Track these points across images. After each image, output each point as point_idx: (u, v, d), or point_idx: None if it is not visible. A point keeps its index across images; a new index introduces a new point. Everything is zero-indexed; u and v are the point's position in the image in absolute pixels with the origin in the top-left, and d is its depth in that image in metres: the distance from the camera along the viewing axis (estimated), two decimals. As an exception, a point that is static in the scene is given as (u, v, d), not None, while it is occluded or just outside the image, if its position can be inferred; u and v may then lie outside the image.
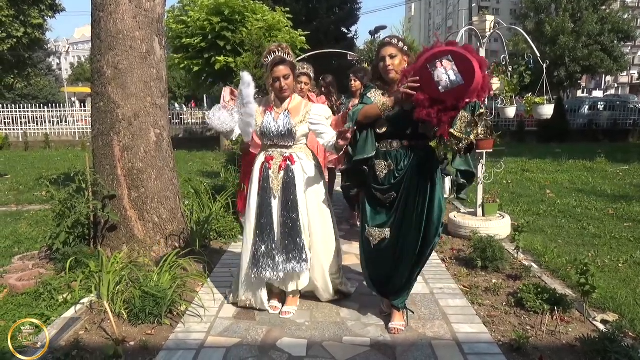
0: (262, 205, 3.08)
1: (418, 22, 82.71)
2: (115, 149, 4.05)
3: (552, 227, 5.51)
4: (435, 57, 2.55)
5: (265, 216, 3.07)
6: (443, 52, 2.56)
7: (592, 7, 28.35)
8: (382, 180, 2.89)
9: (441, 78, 2.53)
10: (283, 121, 3.06)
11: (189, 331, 3.00)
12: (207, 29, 13.50)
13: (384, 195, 2.90)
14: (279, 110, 3.10)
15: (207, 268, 4.07)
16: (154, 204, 4.15)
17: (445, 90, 2.52)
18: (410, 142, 2.85)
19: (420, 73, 2.60)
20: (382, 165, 2.88)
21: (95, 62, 4.11)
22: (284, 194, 3.07)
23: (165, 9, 4.40)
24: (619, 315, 3.16)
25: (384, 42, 2.95)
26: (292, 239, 3.05)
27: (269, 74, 3.03)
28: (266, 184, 3.09)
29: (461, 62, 2.51)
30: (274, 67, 2.98)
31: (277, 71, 2.99)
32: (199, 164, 11.98)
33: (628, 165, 10.34)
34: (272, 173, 3.10)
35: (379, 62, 2.89)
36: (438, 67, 2.54)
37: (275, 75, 2.99)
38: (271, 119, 3.07)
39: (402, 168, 2.85)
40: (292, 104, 3.13)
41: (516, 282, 3.73)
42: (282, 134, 3.06)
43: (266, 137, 3.11)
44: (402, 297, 3.01)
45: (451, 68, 2.52)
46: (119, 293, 3.21)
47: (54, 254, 3.97)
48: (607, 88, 51.36)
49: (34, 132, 18.62)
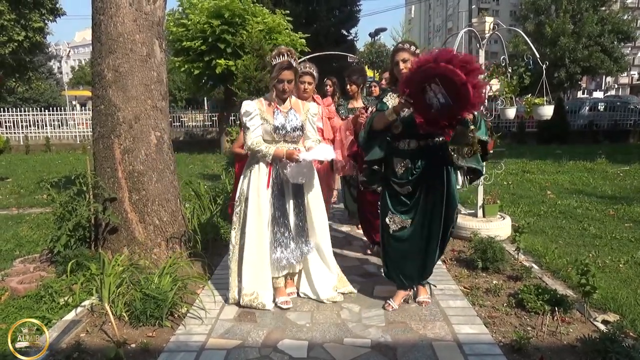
0: (279, 196, 3.28)
1: (418, 24, 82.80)
2: (116, 152, 4.06)
3: (553, 228, 5.51)
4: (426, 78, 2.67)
5: (282, 205, 3.29)
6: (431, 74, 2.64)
7: (592, 8, 28.38)
8: (401, 175, 3.16)
9: (432, 102, 2.70)
10: (293, 119, 3.29)
11: (190, 333, 3.00)
12: (208, 31, 13.54)
13: (401, 188, 3.17)
14: (284, 109, 3.31)
15: (207, 270, 4.07)
16: (155, 207, 4.16)
17: (437, 111, 2.70)
18: (427, 141, 3.08)
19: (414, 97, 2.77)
20: (401, 163, 3.14)
21: (96, 65, 4.13)
22: (295, 186, 3.32)
23: (165, 12, 4.41)
24: (620, 315, 3.16)
25: (397, 48, 3.21)
26: (301, 224, 3.37)
27: (275, 75, 3.23)
28: (279, 178, 3.27)
29: (449, 84, 2.61)
30: (282, 70, 3.21)
31: (284, 75, 3.21)
32: (199, 167, 12.00)
33: (629, 166, 10.34)
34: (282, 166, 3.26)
35: (394, 67, 3.15)
36: (428, 92, 2.69)
37: (281, 77, 3.22)
38: (282, 117, 3.27)
39: (419, 166, 3.11)
40: (292, 102, 3.40)
41: (517, 283, 3.73)
42: (294, 130, 3.28)
43: (278, 134, 3.25)
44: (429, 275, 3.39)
45: (439, 91, 2.65)
46: (120, 295, 3.22)
47: (55, 256, 3.97)
48: (608, 89, 51.32)
49: (35, 136, 18.67)
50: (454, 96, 2.63)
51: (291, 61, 3.21)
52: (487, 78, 4.89)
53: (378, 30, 18.73)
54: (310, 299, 3.50)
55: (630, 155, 12.23)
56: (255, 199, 3.27)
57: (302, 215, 3.38)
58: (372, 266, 4.25)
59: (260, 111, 3.25)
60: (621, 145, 16.12)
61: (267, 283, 3.33)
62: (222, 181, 6.81)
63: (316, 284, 3.48)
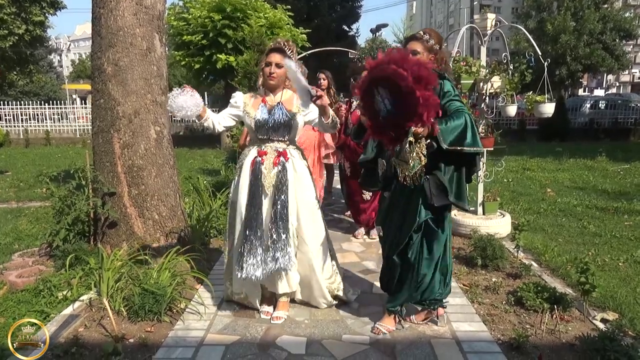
0: (253, 201, 2.98)
1: (420, 20, 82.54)
2: (116, 146, 4.05)
3: (553, 226, 5.50)
4: (375, 80, 2.33)
5: (255, 213, 2.97)
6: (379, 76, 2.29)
7: (594, 5, 28.22)
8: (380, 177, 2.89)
9: (379, 107, 2.36)
10: (278, 113, 3.02)
11: (189, 328, 3.00)
12: (209, 26, 13.49)
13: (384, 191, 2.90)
14: (272, 102, 3.07)
15: (206, 265, 4.07)
16: (154, 202, 4.15)
17: (384, 119, 2.37)
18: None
19: (365, 99, 2.43)
20: (381, 164, 2.87)
21: (96, 59, 4.11)
22: (276, 191, 2.99)
23: (166, 5, 4.39)
24: (619, 314, 3.15)
25: (410, 37, 2.81)
26: (279, 236, 2.94)
27: (264, 57, 3.06)
28: (258, 180, 2.99)
29: (395, 90, 2.25)
30: (270, 52, 3.03)
31: (272, 57, 3.00)
32: (199, 162, 11.98)
33: (629, 164, 10.32)
34: (265, 169, 3.00)
35: None
36: (376, 95, 2.35)
37: (269, 60, 3.01)
38: (265, 111, 3.03)
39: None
40: (284, 96, 3.09)
41: (516, 281, 3.72)
42: (277, 126, 3.02)
43: (260, 131, 3.04)
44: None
45: (386, 97, 2.31)
46: (119, 290, 3.21)
47: (54, 250, 3.97)
48: (609, 87, 51.21)
49: (34, 129, 18.62)
50: (400, 103, 2.26)
51: (286, 49, 3.01)
52: (489, 75, 4.88)
53: (379, 26, 18.67)
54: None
55: (630, 153, 12.21)
56: (237, 201, 3.11)
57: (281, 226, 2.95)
58: (371, 262, 4.24)
59: (245, 104, 3.08)
60: (622, 143, 16.07)
61: (254, 287, 3.16)
62: (223, 176, 6.80)
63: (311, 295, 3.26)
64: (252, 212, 2.97)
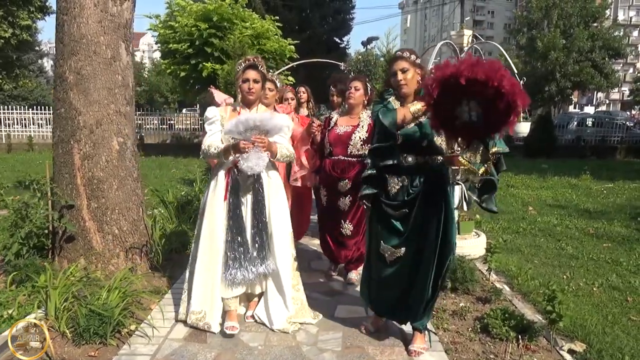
0: (234, 209, 3.05)
1: (414, 33, 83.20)
2: (75, 157, 3.90)
3: (530, 247, 5.40)
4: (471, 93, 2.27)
5: (238, 220, 3.05)
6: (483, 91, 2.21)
7: (584, 23, 28.59)
8: (394, 195, 2.82)
9: (461, 116, 2.35)
10: None
11: (134, 353, 2.83)
12: (195, 35, 13.42)
13: (395, 212, 2.82)
14: None
15: (167, 283, 3.91)
16: (114, 215, 3.99)
17: (461, 126, 2.39)
18: (425, 157, 2.78)
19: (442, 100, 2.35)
20: (395, 180, 2.82)
21: (58, 67, 3.97)
22: (254, 198, 3.09)
23: (134, 14, 4.26)
24: (587, 344, 3.03)
25: (395, 56, 2.90)
26: (260, 241, 3.09)
27: (240, 74, 3.14)
28: (236, 189, 3.06)
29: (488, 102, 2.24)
30: (246, 69, 3.12)
31: (248, 74, 3.10)
32: (182, 171, 11.79)
33: (612, 183, 10.29)
34: (241, 179, 3.06)
35: (391, 77, 2.84)
36: (463, 105, 2.33)
37: (246, 76, 3.11)
38: None
39: (416, 185, 2.78)
40: (259, 111, 3.17)
41: (485, 306, 3.60)
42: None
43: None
44: (422, 319, 2.91)
45: (476, 112, 2.31)
46: (65, 310, 3.04)
47: (5, 265, 3.79)
48: (599, 104, 51.71)
49: (18, 134, 18.33)
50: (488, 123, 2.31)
51: (256, 63, 3.13)
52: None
53: (370, 39, 18.65)
54: (262, 324, 3.23)
55: (615, 171, 12.21)
56: (210, 212, 3.11)
57: (262, 231, 3.09)
58: (337, 283, 4.10)
59: (222, 117, 3.13)
60: (608, 161, 16.13)
61: (216, 302, 3.11)
62: (195, 188, 6.63)
63: (271, 311, 3.20)
64: (235, 220, 3.05)
